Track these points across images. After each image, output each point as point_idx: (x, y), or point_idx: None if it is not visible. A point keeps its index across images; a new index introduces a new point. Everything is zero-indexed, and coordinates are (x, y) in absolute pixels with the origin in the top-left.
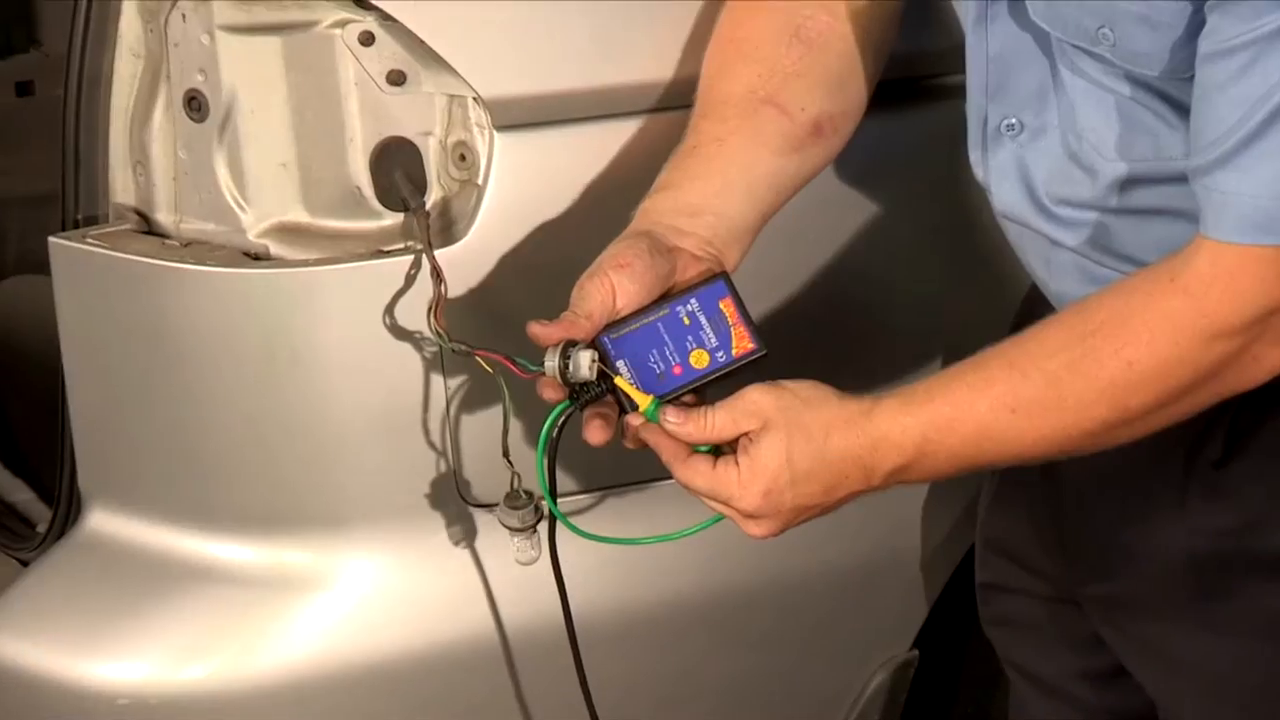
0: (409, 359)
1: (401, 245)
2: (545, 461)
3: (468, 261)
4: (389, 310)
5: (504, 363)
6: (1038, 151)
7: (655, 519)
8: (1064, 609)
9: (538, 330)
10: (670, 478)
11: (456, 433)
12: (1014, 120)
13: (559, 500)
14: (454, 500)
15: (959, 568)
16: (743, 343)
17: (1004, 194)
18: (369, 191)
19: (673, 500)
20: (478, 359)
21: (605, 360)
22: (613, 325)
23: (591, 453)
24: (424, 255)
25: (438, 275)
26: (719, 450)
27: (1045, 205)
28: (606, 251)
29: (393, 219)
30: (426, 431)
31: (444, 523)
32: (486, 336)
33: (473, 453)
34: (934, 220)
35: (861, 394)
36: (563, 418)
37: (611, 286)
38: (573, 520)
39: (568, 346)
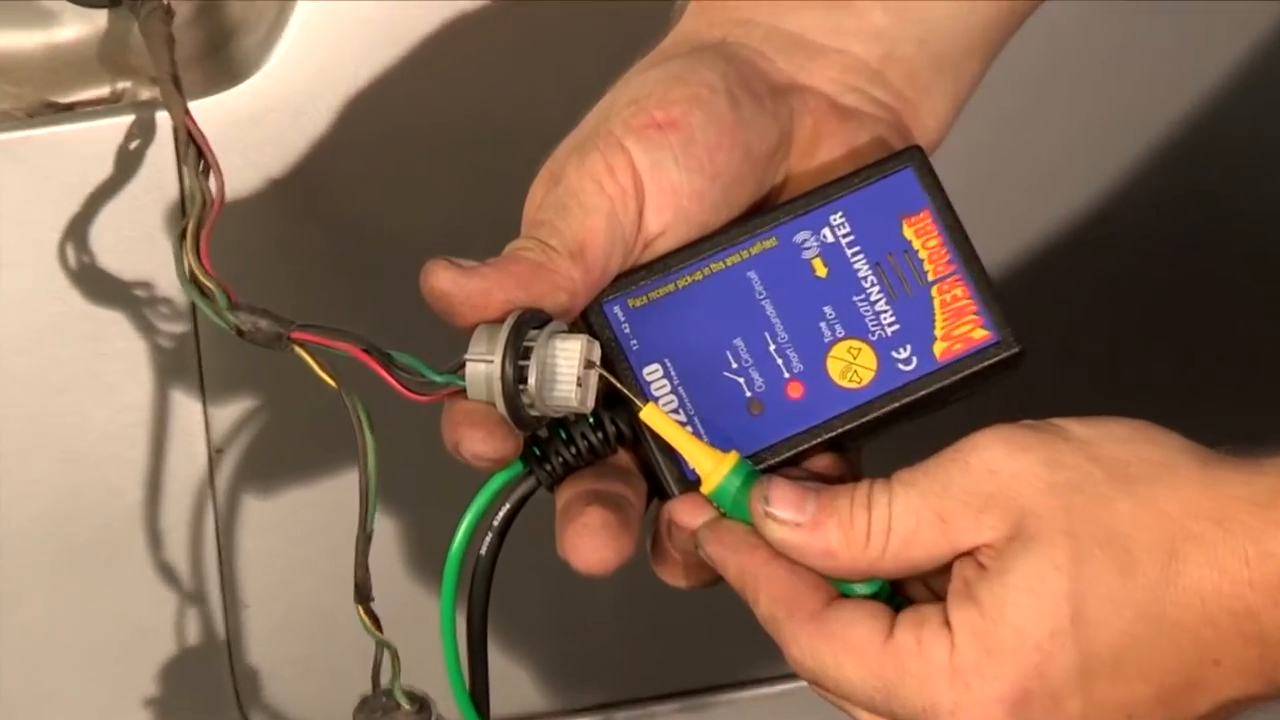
0: (126, 358)
1: (107, 90)
2: (462, 622)
3: (266, 123)
4: (74, 239)
5: (363, 360)
6: None
7: None
8: None
9: (447, 283)
10: (784, 671)
11: (232, 542)
12: None
13: None
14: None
15: None
16: (961, 325)
17: None
18: None
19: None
20: (297, 351)
21: (616, 361)
22: (633, 277)
23: (584, 594)
24: (164, 111)
25: (200, 157)
26: (897, 595)
27: None
28: (621, 91)
29: (83, 26)
30: (159, 546)
31: None
32: (317, 302)
33: (276, 595)
34: None
35: (1242, 451)
36: (509, 504)
37: (635, 178)
38: None
39: (522, 324)
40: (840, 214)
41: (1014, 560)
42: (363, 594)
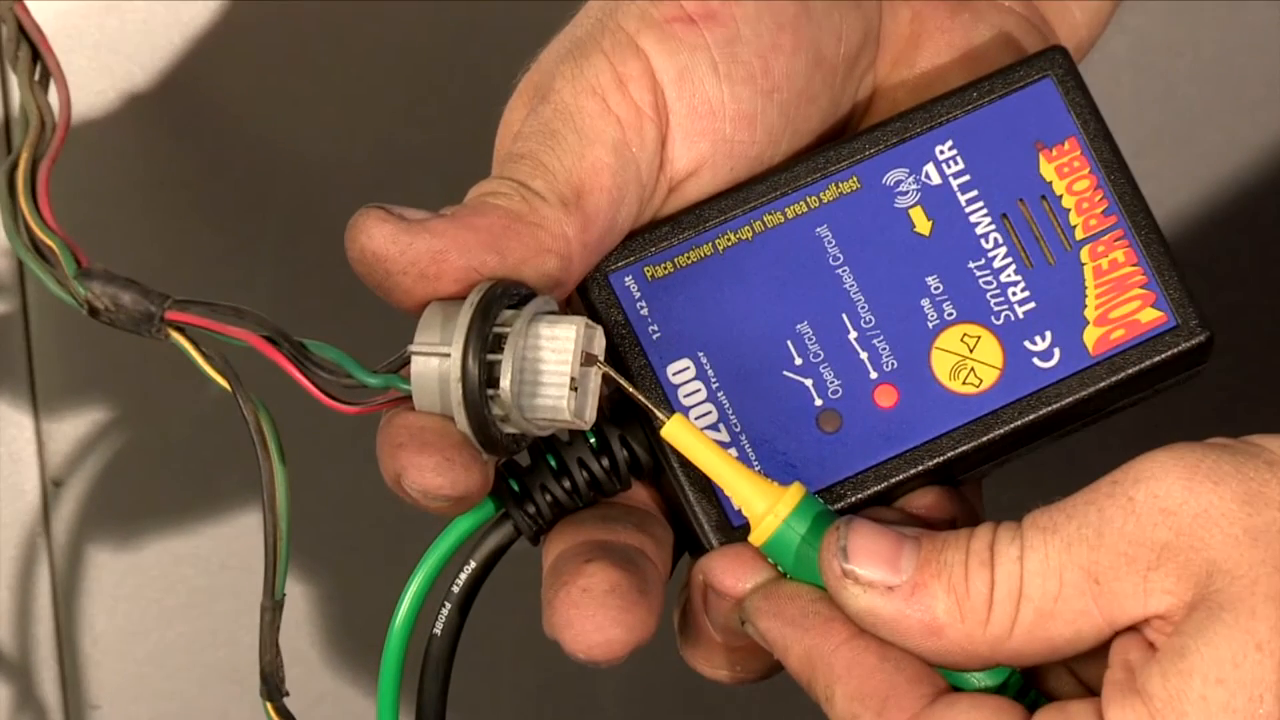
0: None
1: None
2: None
3: (127, 12)
4: None
5: (266, 353)
6: None
7: None
8: None
9: (383, 241)
10: None
11: (75, 614)
12: None
13: None
14: None
15: None
16: (1124, 302)
17: None
18: None
19: None
20: (173, 338)
21: (629, 356)
22: (653, 236)
23: (581, 687)
24: None
25: (36, 59)
26: (1032, 688)
27: None
28: None
29: None
30: None
31: None
32: (201, 269)
33: (137, 690)
34: None
35: None
36: (474, 562)
37: (655, 93)
38: None
39: (492, 303)
40: (950, 143)
41: (1198, 637)
42: (271, 687)
